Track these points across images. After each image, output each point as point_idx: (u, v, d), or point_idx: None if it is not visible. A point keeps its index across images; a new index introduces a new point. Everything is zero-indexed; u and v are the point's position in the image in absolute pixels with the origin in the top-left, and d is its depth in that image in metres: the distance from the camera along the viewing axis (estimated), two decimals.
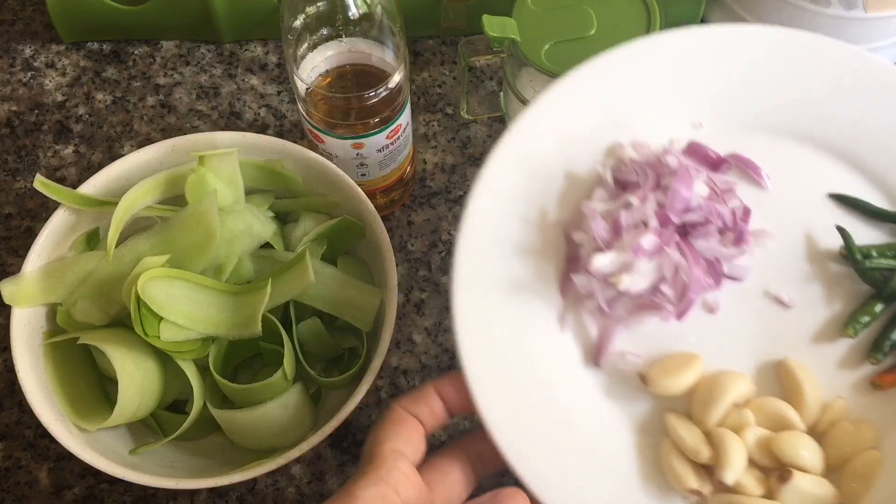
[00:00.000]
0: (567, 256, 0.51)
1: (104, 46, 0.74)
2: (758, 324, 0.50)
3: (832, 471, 0.46)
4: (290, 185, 0.58)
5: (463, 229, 0.49)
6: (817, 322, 0.50)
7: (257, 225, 0.55)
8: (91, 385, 0.55)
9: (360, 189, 0.56)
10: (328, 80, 0.56)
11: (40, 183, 0.54)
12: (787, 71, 0.53)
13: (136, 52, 0.74)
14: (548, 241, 0.51)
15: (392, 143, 0.59)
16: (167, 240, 0.53)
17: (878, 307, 0.49)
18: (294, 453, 0.49)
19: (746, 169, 0.53)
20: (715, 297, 0.50)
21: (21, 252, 0.63)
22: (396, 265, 0.55)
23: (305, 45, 0.54)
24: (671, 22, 0.72)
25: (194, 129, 0.70)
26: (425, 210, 0.67)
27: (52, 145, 0.70)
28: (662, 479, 0.47)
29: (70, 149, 0.70)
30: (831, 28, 0.68)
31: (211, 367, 0.53)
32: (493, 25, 0.58)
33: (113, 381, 0.51)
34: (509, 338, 0.48)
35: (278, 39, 0.74)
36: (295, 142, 0.58)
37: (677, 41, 0.54)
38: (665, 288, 0.49)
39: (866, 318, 0.49)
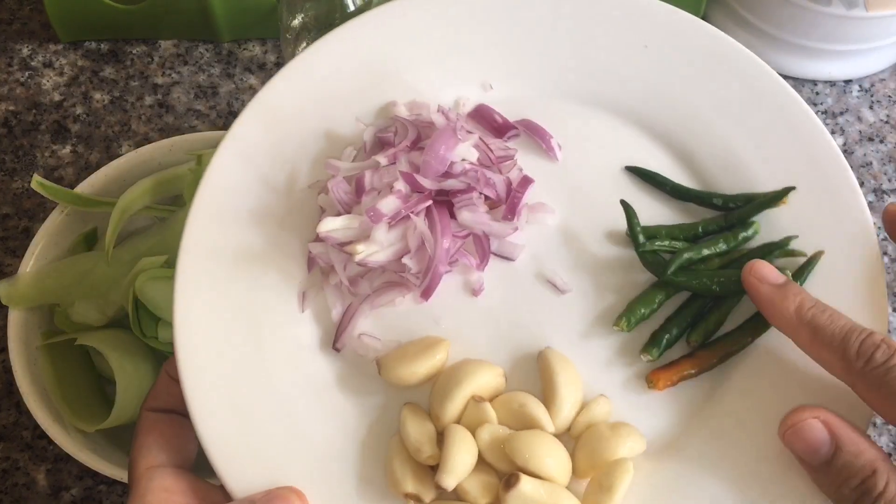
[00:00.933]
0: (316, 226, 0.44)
1: (102, 46, 0.74)
2: (526, 310, 0.44)
3: (582, 478, 0.40)
4: None
5: (199, 192, 0.43)
6: (593, 312, 0.44)
7: None
8: (89, 386, 0.55)
9: None
10: None
11: (38, 183, 0.54)
12: (587, 30, 0.47)
13: (134, 51, 0.74)
14: (297, 209, 0.44)
15: None
16: (165, 240, 0.53)
17: (659, 297, 0.43)
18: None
19: (535, 136, 0.46)
20: (479, 278, 0.44)
21: (18, 252, 0.63)
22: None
23: (304, 44, 0.53)
24: None
25: (192, 129, 0.70)
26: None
27: (50, 145, 0.70)
28: (385, 482, 0.40)
29: (68, 148, 0.69)
30: (832, 27, 0.68)
31: None
32: None
33: (111, 382, 0.51)
34: (235, 314, 0.42)
35: (277, 38, 0.74)
36: None
37: None
38: (409, 261, 0.42)
39: (644, 310, 0.42)
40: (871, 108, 0.72)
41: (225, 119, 0.71)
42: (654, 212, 0.45)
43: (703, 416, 0.42)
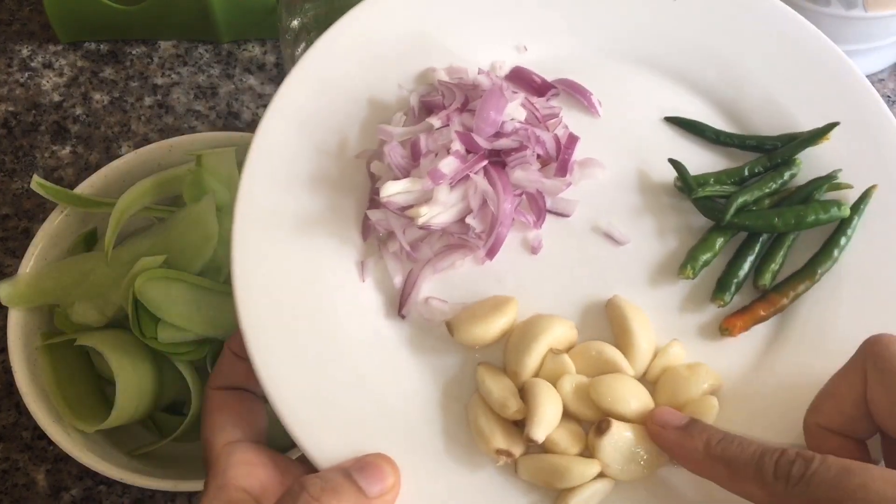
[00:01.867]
0: (370, 193, 0.44)
1: (101, 46, 0.74)
2: (587, 264, 0.44)
3: None
4: None
5: (249, 158, 0.43)
6: (654, 260, 0.44)
7: None
8: (89, 386, 0.55)
9: None
10: None
11: (37, 184, 0.54)
12: None
13: (134, 52, 0.74)
14: (349, 175, 0.44)
15: None
16: (165, 241, 0.53)
17: (719, 241, 0.44)
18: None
19: (575, 94, 0.47)
20: (537, 235, 0.44)
21: (18, 253, 0.63)
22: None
23: (303, 45, 0.53)
24: None
25: (192, 130, 0.70)
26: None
27: (50, 146, 0.70)
28: (471, 440, 0.40)
29: (67, 149, 0.70)
30: (831, 27, 0.68)
31: (209, 369, 0.52)
32: None
33: (111, 383, 0.51)
34: (297, 283, 0.42)
35: (276, 39, 0.74)
36: None
37: None
38: (472, 220, 0.42)
39: (707, 255, 0.43)
40: None
41: (224, 119, 0.71)
42: (697, 160, 0.46)
43: (773, 356, 0.42)
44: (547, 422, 0.38)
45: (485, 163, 0.43)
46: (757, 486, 0.35)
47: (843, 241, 0.44)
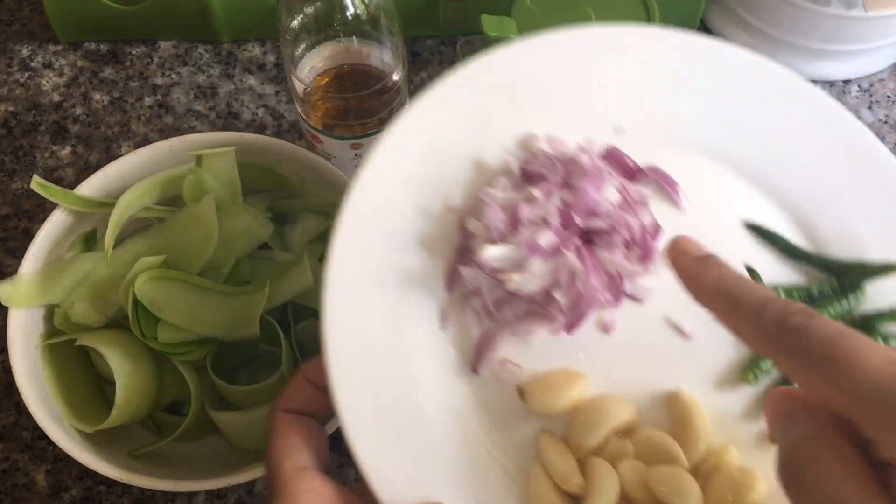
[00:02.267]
0: (458, 248, 0.45)
1: (101, 46, 0.74)
2: (654, 352, 0.45)
3: None
4: (288, 185, 0.58)
5: (346, 208, 0.44)
6: (719, 360, 0.46)
7: (255, 226, 0.55)
8: (89, 387, 0.55)
9: None
10: (326, 80, 0.55)
11: (37, 184, 0.54)
12: (718, 86, 0.49)
13: (134, 52, 0.74)
14: (440, 230, 0.46)
15: None
16: (165, 241, 0.53)
17: None
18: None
19: (664, 184, 0.48)
20: (612, 316, 0.46)
21: (18, 253, 0.63)
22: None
23: (303, 45, 0.53)
24: (670, 21, 0.72)
25: (192, 130, 0.70)
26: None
27: (50, 146, 0.70)
28: (527, 502, 0.42)
29: (67, 149, 0.70)
30: (831, 27, 0.68)
31: (209, 369, 0.52)
32: (492, 25, 0.58)
33: (111, 383, 0.51)
34: (382, 329, 0.43)
35: (276, 39, 0.74)
36: (293, 142, 0.57)
37: (607, 34, 0.49)
38: (558, 294, 0.44)
39: (769, 364, 0.44)
40: (870, 108, 0.72)
41: (224, 120, 0.71)
42: (771, 269, 0.47)
43: None
44: (606, 501, 0.40)
45: (578, 241, 0.44)
46: (751, 324, 0.34)
47: None
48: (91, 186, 0.55)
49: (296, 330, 0.55)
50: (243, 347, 0.55)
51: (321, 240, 0.56)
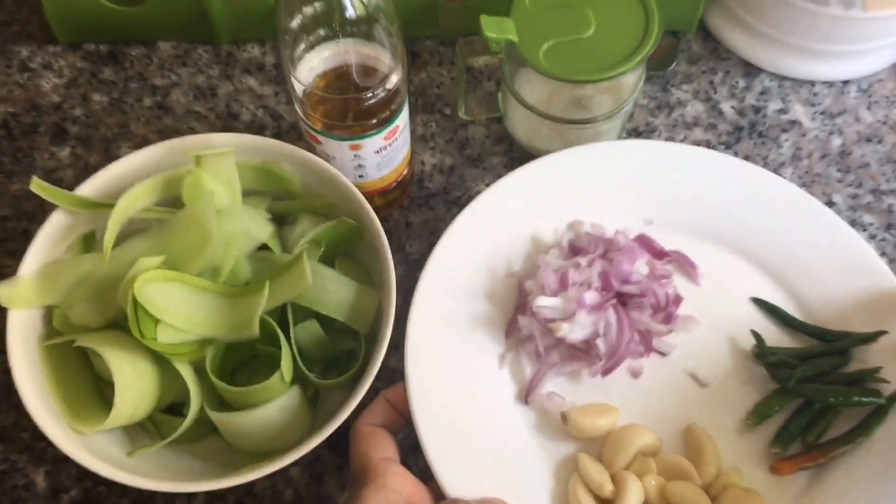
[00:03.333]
0: (517, 304, 0.58)
1: (101, 48, 0.74)
2: (675, 395, 0.57)
3: None
4: (287, 186, 0.58)
5: (427, 270, 0.56)
6: (727, 405, 0.56)
7: (254, 227, 0.55)
8: (88, 388, 0.55)
9: (357, 191, 0.56)
10: (325, 81, 0.55)
11: (37, 185, 0.54)
12: (729, 192, 0.61)
13: (133, 53, 0.74)
14: (502, 289, 0.58)
15: (390, 145, 0.59)
16: (164, 242, 0.53)
17: (781, 401, 0.56)
18: (292, 456, 0.49)
19: (685, 265, 0.60)
20: (640, 364, 0.57)
21: (17, 254, 0.63)
22: (395, 267, 0.55)
23: (302, 46, 0.53)
24: (669, 21, 0.72)
25: (191, 131, 0.70)
26: (423, 211, 0.67)
27: (49, 147, 0.70)
28: None
29: (67, 150, 0.70)
30: (830, 27, 0.68)
31: (208, 370, 0.52)
32: (491, 26, 0.58)
33: (110, 384, 0.51)
34: (452, 365, 0.55)
35: (275, 40, 0.74)
36: (292, 143, 0.57)
37: (642, 148, 0.62)
38: (600, 342, 0.55)
39: (767, 411, 0.55)
40: (868, 108, 0.72)
41: (224, 121, 0.71)
42: (773, 336, 0.58)
43: (810, 498, 0.53)
44: (632, 502, 0.51)
45: (615, 300, 0.56)
46: None
47: (877, 421, 0.54)
48: (90, 187, 0.55)
49: (295, 330, 0.55)
50: (242, 348, 0.55)
51: (320, 240, 0.56)
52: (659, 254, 0.60)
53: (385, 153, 0.59)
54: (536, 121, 0.64)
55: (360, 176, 0.60)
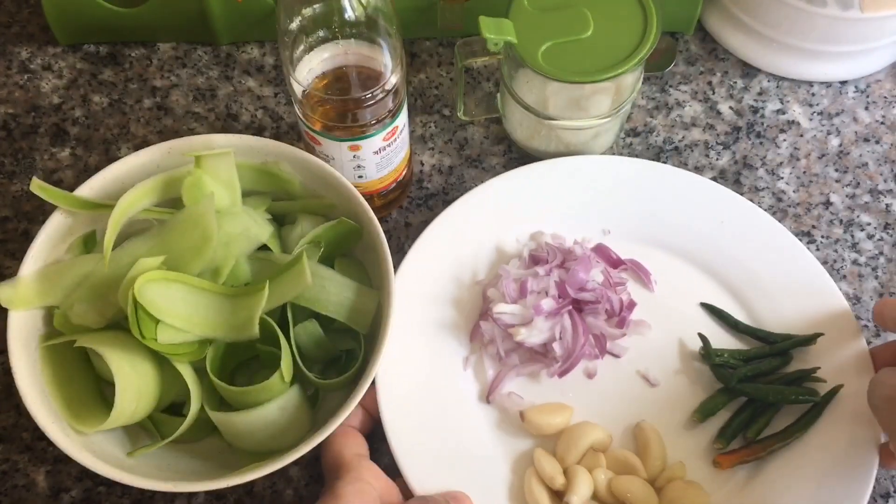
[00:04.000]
0: (481, 311, 0.62)
1: (101, 49, 0.74)
2: (626, 394, 0.60)
3: None
4: (287, 187, 0.58)
5: (398, 274, 0.59)
6: (675, 403, 0.60)
7: (254, 227, 0.55)
8: (88, 388, 0.55)
9: (357, 191, 0.56)
10: (325, 82, 0.56)
11: (37, 186, 0.54)
12: (682, 205, 0.64)
13: (133, 54, 0.74)
14: (468, 296, 0.62)
15: (389, 145, 0.59)
16: (164, 242, 0.53)
17: (724, 399, 0.59)
18: (292, 455, 0.49)
19: (639, 273, 0.64)
20: (595, 365, 0.60)
21: (18, 255, 0.63)
22: (394, 267, 0.55)
23: (302, 47, 0.54)
24: (667, 22, 0.72)
25: (191, 132, 0.70)
26: (423, 212, 0.67)
27: (49, 148, 0.70)
28: (524, 499, 0.56)
29: (67, 151, 0.70)
30: (828, 28, 0.68)
31: (208, 370, 0.52)
32: (490, 27, 0.58)
33: (110, 384, 0.51)
34: (421, 369, 0.58)
35: (275, 41, 0.74)
36: (292, 144, 0.58)
37: (602, 164, 0.65)
38: (556, 346, 0.59)
39: (712, 408, 0.59)
40: (866, 108, 0.72)
41: (223, 121, 0.71)
42: (719, 338, 0.62)
43: (749, 490, 0.56)
44: (582, 495, 0.54)
45: (570, 307, 0.60)
46: None
47: (813, 418, 0.57)
48: (90, 188, 0.56)
49: (294, 330, 0.55)
50: (242, 348, 0.55)
51: (319, 241, 0.57)
52: (615, 262, 0.63)
53: (384, 154, 0.59)
54: (535, 122, 0.64)
55: (360, 176, 0.60)
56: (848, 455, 0.56)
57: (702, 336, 0.61)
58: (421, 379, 0.58)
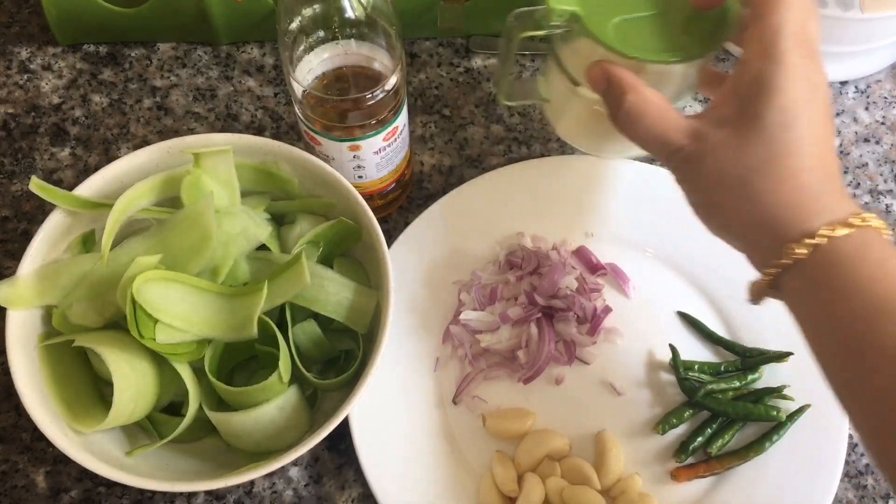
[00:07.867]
0: (454, 313, 0.62)
1: (100, 49, 0.74)
2: (591, 402, 0.60)
3: None
4: (286, 187, 0.58)
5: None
6: (638, 414, 0.59)
7: (253, 227, 0.55)
8: (87, 387, 0.55)
9: (356, 191, 0.56)
10: (325, 82, 0.56)
11: (36, 185, 0.54)
12: (666, 207, 0.61)
13: (133, 54, 0.74)
14: (445, 297, 0.62)
15: (389, 146, 0.59)
16: (163, 242, 0.53)
17: (687, 413, 0.59)
18: (291, 456, 0.49)
19: (618, 278, 0.63)
20: (562, 372, 0.60)
21: (17, 254, 0.63)
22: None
23: (302, 47, 0.54)
24: None
25: (191, 132, 0.70)
26: (423, 212, 0.67)
27: (49, 148, 0.70)
28: (479, 501, 0.57)
29: (66, 151, 0.70)
30: (828, 28, 0.68)
31: (206, 370, 0.52)
32: None
33: (109, 384, 0.51)
34: (392, 369, 0.59)
35: (275, 41, 0.74)
36: (292, 144, 0.57)
37: (588, 165, 0.65)
38: (521, 354, 0.59)
39: (675, 421, 0.58)
40: (866, 109, 0.72)
41: (223, 121, 0.71)
42: (692, 348, 0.61)
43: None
44: (531, 503, 0.55)
45: (539, 315, 0.60)
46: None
47: (774, 437, 0.58)
48: (89, 188, 0.56)
49: (293, 330, 0.55)
50: (241, 348, 0.55)
51: (319, 241, 0.57)
52: (594, 267, 0.63)
53: (384, 154, 0.59)
54: (583, 106, 0.57)
55: (360, 177, 0.60)
56: (808, 475, 0.56)
57: (672, 347, 0.60)
58: (394, 378, 0.59)
